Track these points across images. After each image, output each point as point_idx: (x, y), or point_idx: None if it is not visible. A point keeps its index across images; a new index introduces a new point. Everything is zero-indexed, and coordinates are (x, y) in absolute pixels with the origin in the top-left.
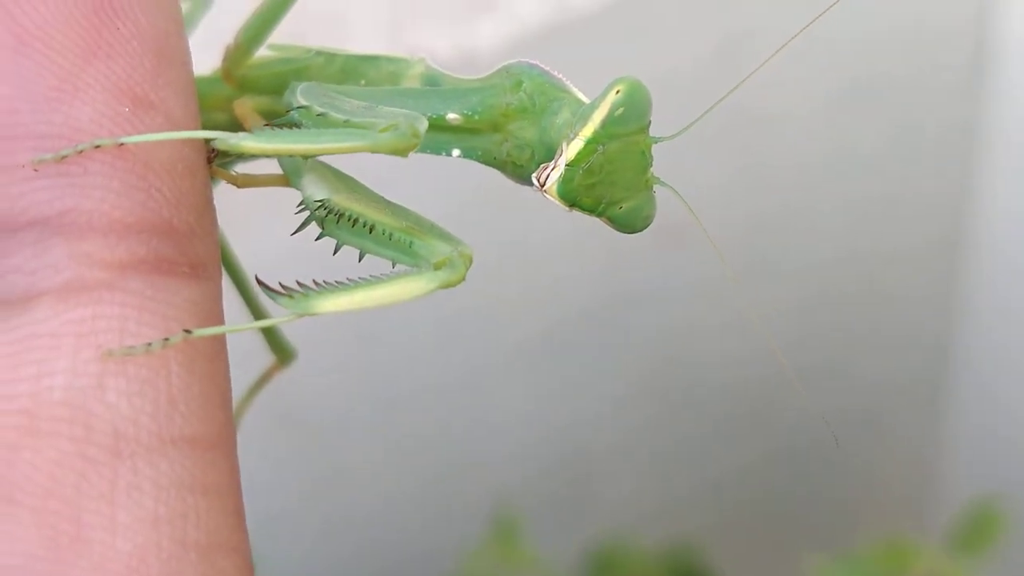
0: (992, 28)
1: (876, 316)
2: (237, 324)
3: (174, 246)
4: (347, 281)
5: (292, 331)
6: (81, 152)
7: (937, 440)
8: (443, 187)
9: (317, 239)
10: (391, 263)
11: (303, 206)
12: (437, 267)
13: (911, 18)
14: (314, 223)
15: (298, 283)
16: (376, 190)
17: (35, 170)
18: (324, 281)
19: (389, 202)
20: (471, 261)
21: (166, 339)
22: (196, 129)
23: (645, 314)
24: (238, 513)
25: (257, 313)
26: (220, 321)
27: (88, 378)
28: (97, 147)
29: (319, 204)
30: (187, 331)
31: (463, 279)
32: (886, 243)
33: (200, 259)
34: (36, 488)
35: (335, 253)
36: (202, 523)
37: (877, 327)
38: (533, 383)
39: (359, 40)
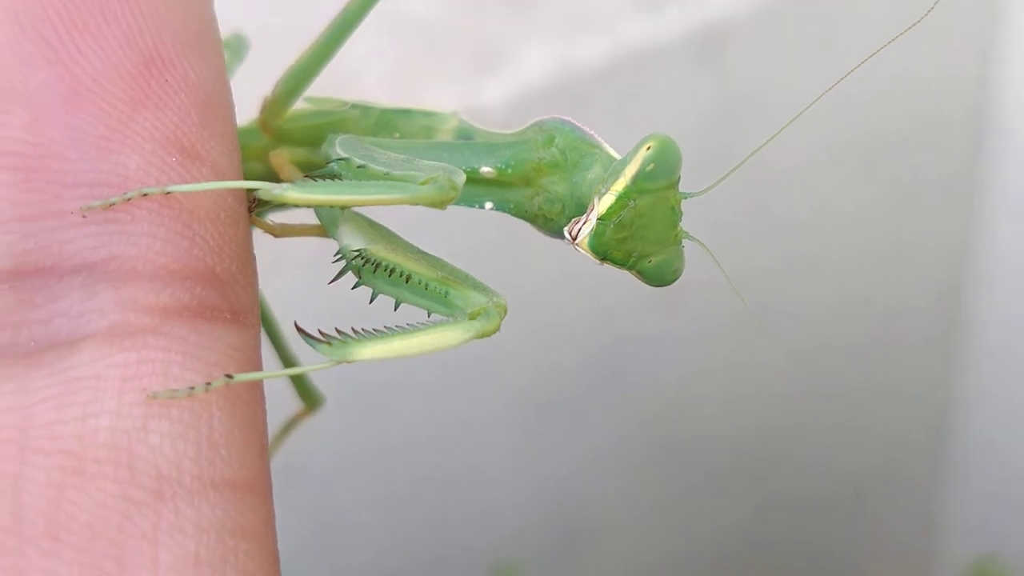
0: (992, 83)
1: (877, 370)
2: (274, 370)
3: (217, 293)
4: (384, 329)
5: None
6: (129, 200)
7: (940, 497)
8: (442, 239)
9: (354, 288)
10: (426, 312)
11: (340, 255)
12: (472, 317)
13: (914, 75)
14: (351, 272)
15: (337, 330)
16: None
17: (83, 216)
18: (362, 329)
19: (424, 252)
20: (505, 311)
21: (208, 383)
22: (239, 179)
23: (643, 366)
24: (274, 557)
25: (287, 360)
26: (259, 367)
27: (132, 421)
28: (144, 195)
29: (356, 254)
30: (228, 375)
31: (498, 329)
32: (889, 295)
33: (241, 306)
34: (80, 527)
35: (371, 301)
36: (241, 565)
37: (879, 381)
38: (531, 435)
39: (367, 97)
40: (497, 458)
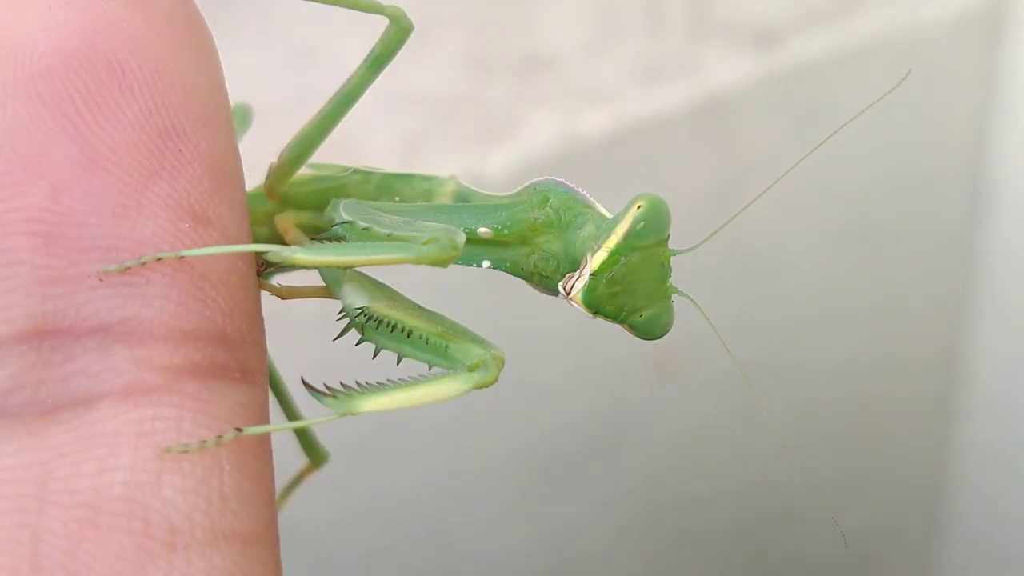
0: (988, 145)
1: (874, 426)
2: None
3: (227, 353)
4: (387, 382)
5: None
6: (144, 264)
7: (938, 550)
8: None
9: (357, 344)
10: (427, 366)
11: (344, 314)
12: (471, 369)
13: (911, 139)
14: (354, 329)
15: (341, 384)
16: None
17: (100, 280)
18: (366, 382)
19: (425, 309)
20: (503, 363)
21: (219, 437)
22: (249, 244)
23: (639, 424)
24: None
25: (293, 416)
26: (267, 423)
27: (147, 475)
28: (159, 259)
29: (359, 311)
30: (238, 429)
31: (496, 380)
32: (885, 351)
33: (250, 365)
34: None
35: (374, 357)
36: None
37: (876, 436)
38: (527, 494)
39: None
40: (493, 517)
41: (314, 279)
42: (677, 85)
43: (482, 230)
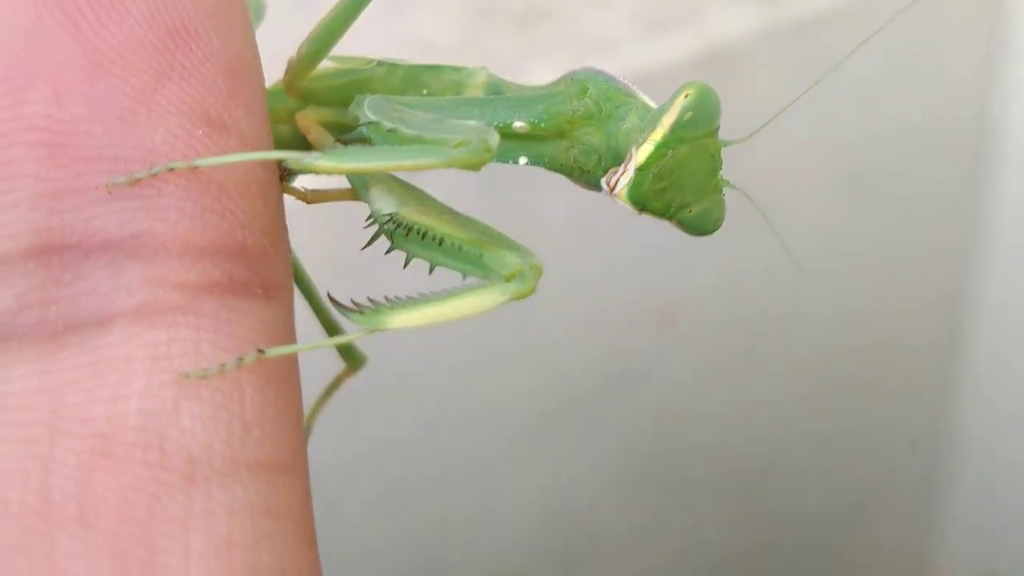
0: (994, 95)
1: (877, 376)
2: (308, 342)
3: (247, 267)
4: (417, 296)
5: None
6: (155, 175)
7: (939, 503)
8: None
9: (387, 252)
10: (461, 275)
11: (372, 219)
12: (507, 279)
13: (916, 89)
14: (384, 236)
15: (369, 299)
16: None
17: (109, 192)
18: (395, 296)
19: (458, 214)
20: (541, 273)
21: (240, 360)
22: (268, 149)
23: (643, 373)
24: (310, 539)
25: (326, 324)
26: (292, 341)
27: (163, 402)
28: (171, 169)
29: (388, 218)
30: (260, 351)
31: (533, 291)
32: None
33: (273, 280)
34: (110, 511)
35: (405, 266)
36: (275, 549)
37: (879, 387)
38: (529, 442)
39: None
40: (494, 464)
41: (340, 181)
42: (681, 36)
43: (517, 124)
